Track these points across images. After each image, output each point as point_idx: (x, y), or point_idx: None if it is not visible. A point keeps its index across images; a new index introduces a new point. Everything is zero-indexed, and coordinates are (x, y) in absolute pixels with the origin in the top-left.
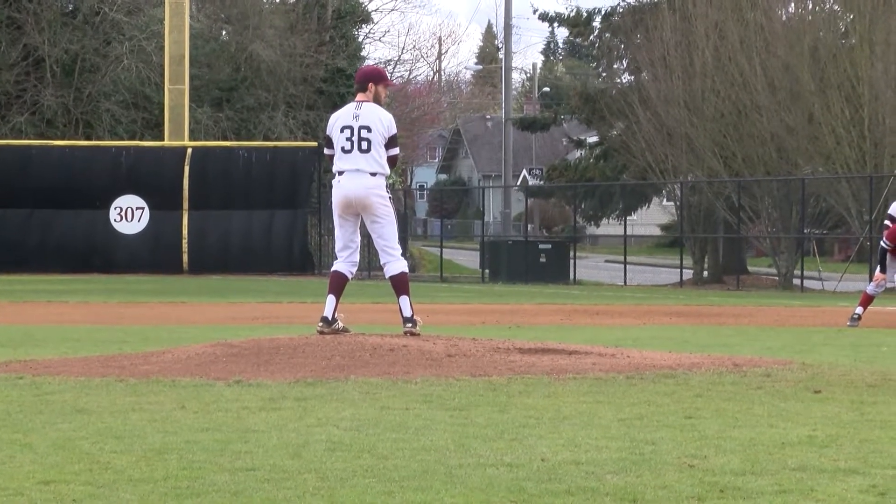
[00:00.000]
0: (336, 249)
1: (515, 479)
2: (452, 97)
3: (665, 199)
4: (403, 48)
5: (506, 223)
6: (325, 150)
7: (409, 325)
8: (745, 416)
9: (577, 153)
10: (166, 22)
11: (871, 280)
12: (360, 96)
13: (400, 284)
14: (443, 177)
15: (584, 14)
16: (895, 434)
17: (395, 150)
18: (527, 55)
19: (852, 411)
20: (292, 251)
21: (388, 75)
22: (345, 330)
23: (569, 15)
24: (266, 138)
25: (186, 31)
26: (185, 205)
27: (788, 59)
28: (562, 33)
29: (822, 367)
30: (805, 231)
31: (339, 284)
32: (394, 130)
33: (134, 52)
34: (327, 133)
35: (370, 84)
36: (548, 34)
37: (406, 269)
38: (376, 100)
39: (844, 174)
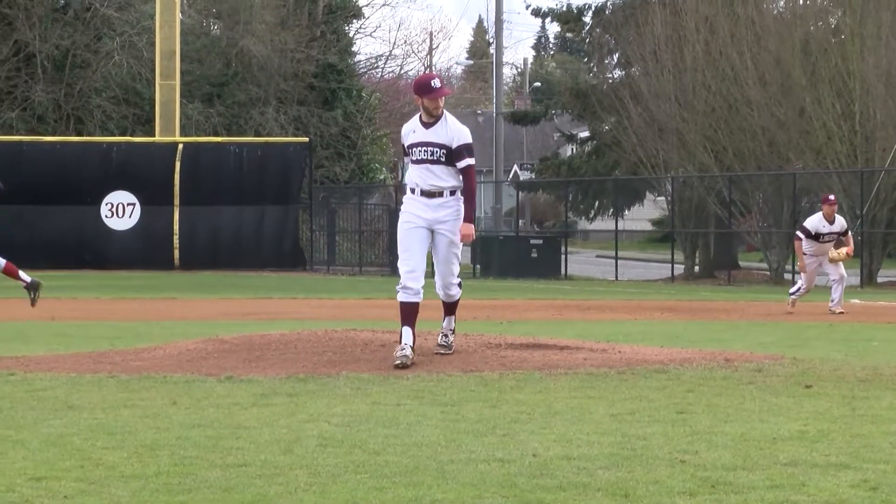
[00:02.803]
0: None
1: (507, 475)
2: None
3: (657, 195)
4: (394, 43)
5: (497, 218)
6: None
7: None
8: (737, 411)
9: (569, 148)
10: (157, 17)
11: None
12: None
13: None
14: None
15: (576, 9)
16: (886, 429)
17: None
18: (518, 50)
19: (843, 406)
20: (283, 247)
21: (431, 85)
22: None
23: (560, 10)
24: (257, 134)
25: (177, 27)
26: (176, 200)
27: (779, 54)
28: (553, 28)
29: (814, 362)
30: (796, 226)
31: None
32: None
33: (125, 47)
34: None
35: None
36: (539, 29)
37: (399, 299)
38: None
39: (835, 169)
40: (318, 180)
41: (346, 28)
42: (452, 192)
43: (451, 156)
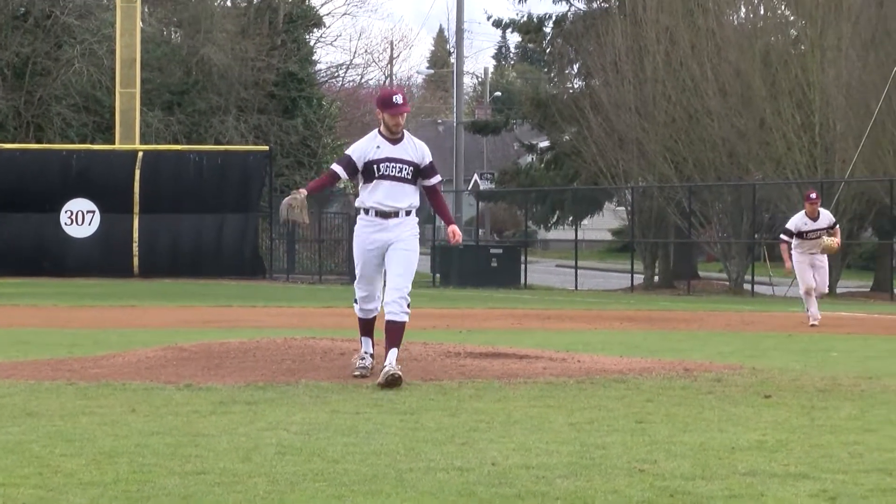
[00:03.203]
0: None
1: (466, 484)
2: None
3: (616, 205)
4: (355, 52)
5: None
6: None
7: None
8: (696, 420)
9: (529, 158)
10: (117, 25)
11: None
12: None
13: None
14: None
15: (536, 19)
16: (845, 439)
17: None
18: (478, 59)
19: (802, 416)
20: (243, 255)
21: (392, 101)
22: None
23: (521, 20)
24: (217, 142)
25: (138, 35)
26: (136, 208)
27: (740, 65)
28: (514, 38)
29: (773, 372)
30: (756, 236)
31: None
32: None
33: (85, 55)
34: None
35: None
36: (499, 39)
37: (356, 311)
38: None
39: (795, 179)
40: (279, 189)
41: (307, 37)
42: (408, 213)
43: (416, 174)
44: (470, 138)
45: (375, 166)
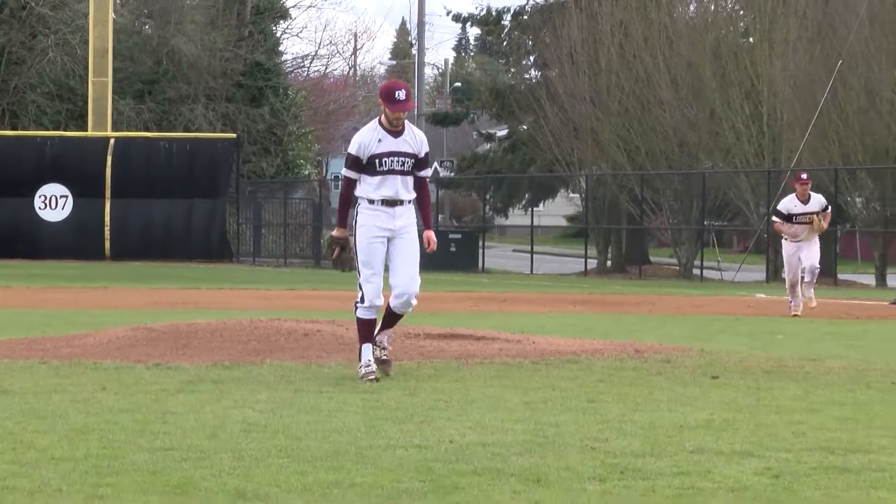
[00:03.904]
0: None
1: (424, 460)
2: (367, 91)
3: (571, 191)
4: (320, 44)
5: (418, 213)
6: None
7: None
8: (646, 400)
9: (487, 146)
10: (90, 16)
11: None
12: None
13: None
14: None
15: (495, 12)
16: (789, 418)
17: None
18: (439, 51)
19: (748, 396)
20: (211, 239)
21: (395, 96)
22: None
23: (480, 14)
24: (186, 129)
25: (110, 26)
26: (108, 193)
27: (691, 57)
28: (473, 31)
29: (720, 353)
30: (705, 223)
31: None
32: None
33: (59, 45)
34: None
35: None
36: (459, 32)
37: (358, 316)
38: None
39: (743, 168)
40: (246, 175)
41: (274, 28)
42: (409, 201)
43: (416, 165)
44: (431, 128)
45: (378, 160)
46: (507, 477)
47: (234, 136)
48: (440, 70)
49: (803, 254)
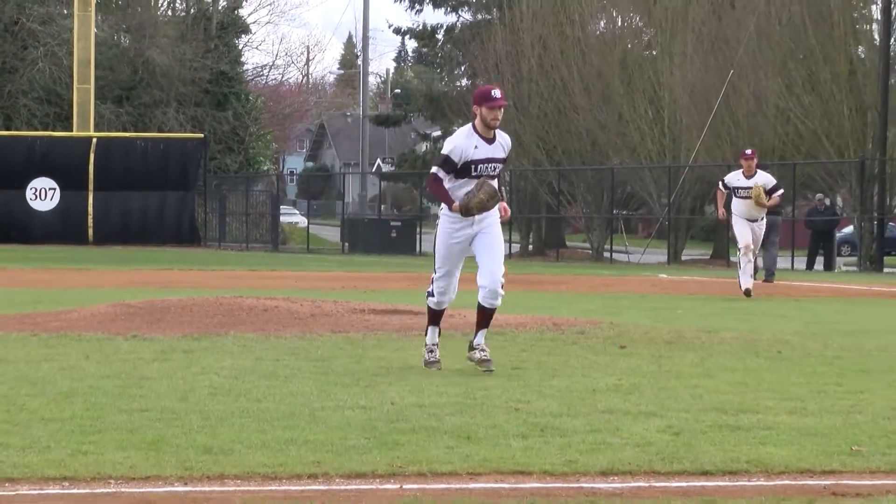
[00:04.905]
0: None
1: (368, 420)
2: (318, 97)
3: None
4: (277, 55)
5: (363, 204)
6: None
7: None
8: (563, 367)
9: (423, 145)
10: (75, 31)
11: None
12: None
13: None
14: (310, 164)
15: (430, 28)
16: (688, 383)
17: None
18: (381, 62)
19: (652, 364)
20: (182, 226)
21: (491, 94)
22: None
23: (417, 29)
24: (160, 130)
25: (92, 39)
26: (91, 186)
27: (601, 67)
28: (411, 44)
29: (628, 326)
30: (614, 212)
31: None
32: (443, 151)
33: (47, 56)
34: None
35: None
36: (399, 44)
37: (428, 303)
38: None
39: (647, 164)
40: (212, 170)
41: (236, 42)
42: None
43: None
44: (374, 128)
45: (474, 166)
46: (442, 434)
47: (201, 136)
48: (382, 78)
49: (754, 236)
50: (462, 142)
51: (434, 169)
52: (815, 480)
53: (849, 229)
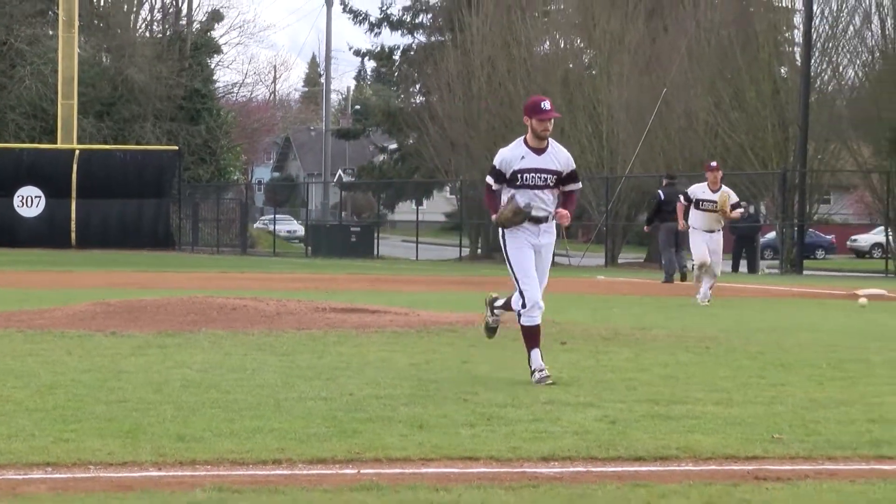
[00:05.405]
0: None
1: (329, 410)
2: (284, 112)
3: (448, 193)
4: (246, 74)
5: (325, 211)
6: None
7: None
8: (509, 361)
9: (381, 157)
10: (60, 51)
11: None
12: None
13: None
14: (276, 174)
15: (387, 49)
16: (623, 376)
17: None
18: (342, 80)
19: (590, 358)
20: (158, 231)
21: (541, 106)
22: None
23: (375, 51)
24: (138, 143)
25: (75, 58)
26: (74, 194)
27: (545, 86)
28: (370, 64)
29: (568, 324)
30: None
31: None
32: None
33: (34, 74)
34: None
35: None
36: (359, 64)
37: (522, 323)
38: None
39: (587, 175)
40: (186, 180)
41: (209, 61)
42: (553, 217)
43: (559, 181)
44: (336, 142)
45: (519, 175)
46: (396, 423)
47: (176, 148)
48: (343, 95)
49: (710, 248)
50: (509, 152)
51: (487, 178)
52: (739, 465)
53: (771, 235)
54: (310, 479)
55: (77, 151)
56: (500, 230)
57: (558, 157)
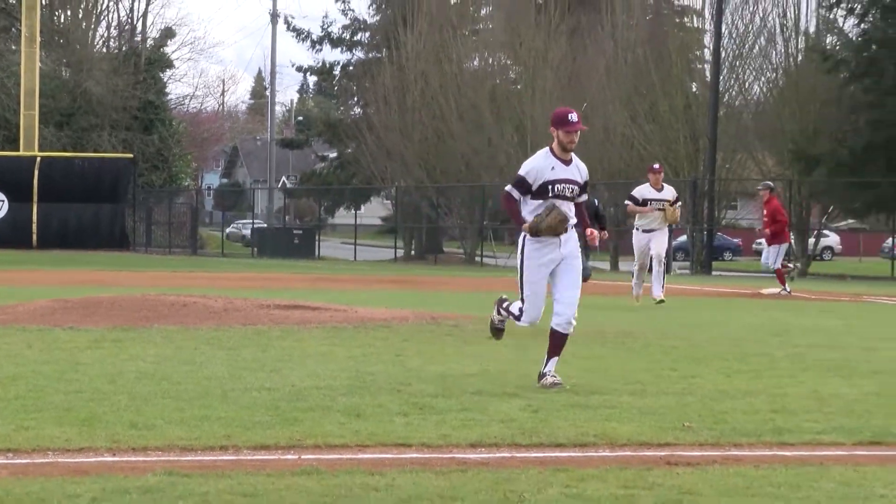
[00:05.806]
0: None
1: (273, 400)
2: (232, 123)
3: (384, 199)
4: (197, 87)
5: (270, 215)
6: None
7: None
8: (439, 354)
9: (322, 165)
10: (22, 65)
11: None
12: None
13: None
14: (224, 181)
15: (328, 65)
16: (538, 368)
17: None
18: (286, 93)
19: (516, 352)
20: (113, 233)
21: (568, 118)
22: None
23: (317, 66)
24: (96, 151)
25: (37, 72)
26: (35, 198)
27: (474, 100)
28: (312, 79)
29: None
30: (484, 223)
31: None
32: (519, 171)
33: None
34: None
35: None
36: (301, 79)
37: (520, 325)
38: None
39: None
40: (140, 185)
41: (162, 75)
42: (572, 226)
43: (579, 192)
44: (280, 150)
45: (551, 186)
46: (335, 412)
47: (131, 156)
48: (287, 107)
49: (653, 243)
50: (539, 163)
51: (508, 188)
52: (652, 452)
53: (683, 238)
54: (254, 464)
55: (38, 158)
56: (521, 239)
57: (581, 168)
